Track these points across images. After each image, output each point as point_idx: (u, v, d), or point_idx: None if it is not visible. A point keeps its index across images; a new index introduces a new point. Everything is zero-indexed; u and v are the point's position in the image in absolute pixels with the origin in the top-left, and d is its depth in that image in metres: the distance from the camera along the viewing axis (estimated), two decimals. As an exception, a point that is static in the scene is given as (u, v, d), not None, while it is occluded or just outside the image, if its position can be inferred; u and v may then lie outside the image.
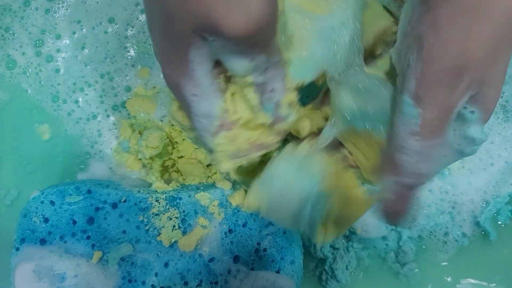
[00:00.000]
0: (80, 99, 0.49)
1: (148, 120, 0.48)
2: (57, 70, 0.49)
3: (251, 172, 0.40)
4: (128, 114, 0.49)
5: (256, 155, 0.34)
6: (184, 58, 0.28)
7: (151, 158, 0.46)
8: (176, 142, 0.47)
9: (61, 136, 0.49)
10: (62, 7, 0.49)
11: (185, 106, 0.32)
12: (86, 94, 0.49)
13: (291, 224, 0.38)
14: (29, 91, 0.49)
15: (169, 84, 0.31)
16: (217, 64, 0.30)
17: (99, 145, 0.49)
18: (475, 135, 0.30)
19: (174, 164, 0.48)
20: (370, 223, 0.49)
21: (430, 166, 0.30)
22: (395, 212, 0.33)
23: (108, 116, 0.49)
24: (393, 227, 0.50)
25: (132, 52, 0.49)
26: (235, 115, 0.32)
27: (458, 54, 0.26)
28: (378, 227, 0.50)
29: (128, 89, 0.49)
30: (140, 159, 0.48)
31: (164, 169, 0.48)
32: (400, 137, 0.29)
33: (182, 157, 0.47)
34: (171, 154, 0.47)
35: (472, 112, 0.29)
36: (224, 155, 0.33)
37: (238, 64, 0.29)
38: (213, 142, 0.33)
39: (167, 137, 0.46)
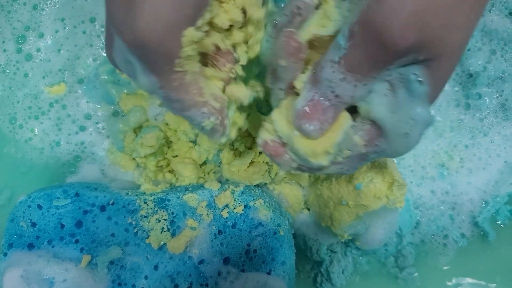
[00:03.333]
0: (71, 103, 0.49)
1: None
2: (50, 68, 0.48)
3: None
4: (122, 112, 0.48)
5: None
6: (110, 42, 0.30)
7: (145, 157, 0.46)
8: (171, 141, 0.47)
9: (51, 138, 0.49)
10: (51, 3, 0.48)
11: None
12: (77, 98, 0.49)
13: None
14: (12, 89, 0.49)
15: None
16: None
17: (91, 147, 0.49)
18: (420, 111, 0.28)
19: (168, 164, 0.47)
20: (371, 238, 0.48)
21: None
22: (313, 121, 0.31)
23: (97, 122, 0.49)
24: (395, 233, 0.50)
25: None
26: None
27: (413, 10, 0.24)
28: (380, 241, 0.49)
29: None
30: (134, 158, 0.47)
31: (158, 169, 0.47)
32: (323, 59, 0.29)
33: (176, 156, 0.47)
34: (166, 154, 0.47)
35: (420, 82, 0.28)
36: None
37: (139, 77, 0.30)
38: None
39: (164, 138, 0.46)
